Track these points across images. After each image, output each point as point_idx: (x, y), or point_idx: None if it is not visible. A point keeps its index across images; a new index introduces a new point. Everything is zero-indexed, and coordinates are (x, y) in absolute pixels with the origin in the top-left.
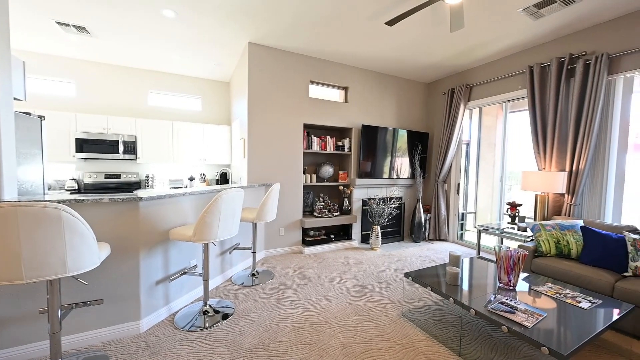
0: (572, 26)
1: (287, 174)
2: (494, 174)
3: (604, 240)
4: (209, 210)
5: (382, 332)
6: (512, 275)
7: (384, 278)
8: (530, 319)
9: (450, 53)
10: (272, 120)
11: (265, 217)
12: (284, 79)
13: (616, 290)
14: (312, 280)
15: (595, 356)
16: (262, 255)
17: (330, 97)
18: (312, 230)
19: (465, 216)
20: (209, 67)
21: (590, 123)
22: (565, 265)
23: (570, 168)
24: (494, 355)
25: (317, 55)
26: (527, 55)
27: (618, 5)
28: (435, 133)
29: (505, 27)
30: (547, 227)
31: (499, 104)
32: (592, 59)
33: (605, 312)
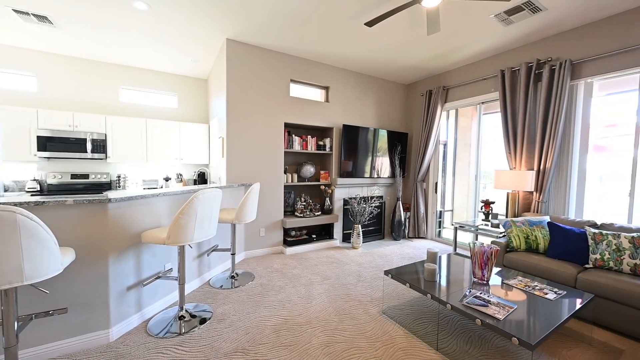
0: (539, 33)
1: (267, 173)
2: (469, 173)
3: (567, 234)
4: (184, 212)
5: (362, 330)
6: (485, 270)
7: (364, 276)
8: (502, 312)
9: (427, 56)
10: (252, 118)
11: (245, 217)
12: (264, 77)
13: (579, 281)
14: (293, 280)
15: (561, 344)
16: (242, 257)
17: (311, 96)
18: (294, 230)
19: (443, 214)
20: (185, 63)
21: (556, 125)
22: (533, 259)
23: (538, 167)
24: (469, 348)
25: (298, 54)
26: (499, 59)
27: (578, 15)
28: (414, 133)
29: (478, 32)
30: (518, 223)
31: (473, 105)
32: (557, 65)
33: (569, 302)
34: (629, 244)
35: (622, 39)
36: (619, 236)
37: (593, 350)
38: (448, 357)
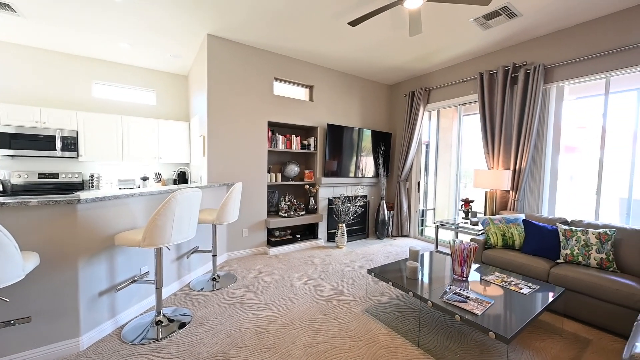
0: (515, 38)
1: (250, 173)
2: (450, 172)
3: (541, 231)
4: (160, 213)
5: (345, 329)
6: (464, 267)
7: (348, 275)
8: (479, 307)
9: (410, 57)
10: (234, 117)
11: (227, 218)
12: (246, 74)
13: (551, 276)
14: (276, 281)
15: (534, 336)
16: (224, 258)
17: (295, 95)
18: (278, 230)
19: (426, 213)
20: (164, 58)
21: (530, 126)
22: (510, 256)
23: (514, 167)
24: (449, 343)
25: (282, 52)
26: (478, 62)
27: (551, 22)
28: (397, 133)
29: (458, 35)
30: (495, 221)
31: (454, 107)
32: (531, 69)
33: (542, 296)
34: (596, 239)
35: (590, 46)
36: (587, 232)
37: (563, 341)
38: (429, 353)
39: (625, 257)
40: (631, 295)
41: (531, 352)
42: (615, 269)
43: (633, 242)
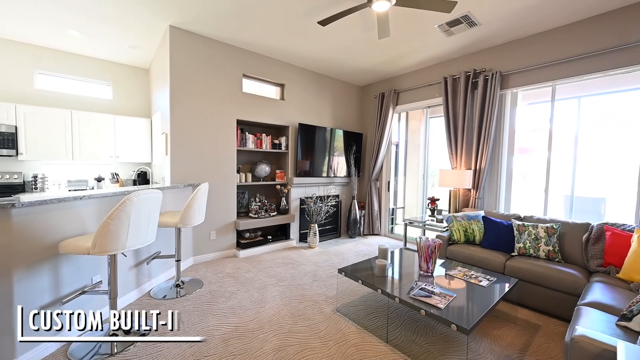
0: (476, 45)
1: (218, 173)
2: (419, 172)
3: (498, 227)
4: (113, 216)
5: (316, 330)
6: (430, 263)
7: (320, 275)
8: (443, 301)
9: (380, 60)
10: (200, 114)
11: (191, 220)
12: (213, 70)
13: (506, 268)
14: (246, 284)
15: (492, 325)
16: (190, 263)
17: (266, 93)
18: (248, 232)
19: (395, 211)
20: (121, 49)
21: (489, 129)
22: (471, 250)
23: (475, 167)
24: (416, 337)
25: (251, 49)
26: (442, 67)
27: (506, 32)
28: (368, 134)
29: (425, 40)
30: (458, 218)
31: (421, 109)
32: (489, 76)
33: (499, 287)
34: (544, 233)
35: (539, 56)
36: (537, 227)
37: (517, 328)
38: (397, 348)
39: (569, 249)
40: (573, 283)
41: (489, 340)
42: (561, 259)
43: (574, 235)
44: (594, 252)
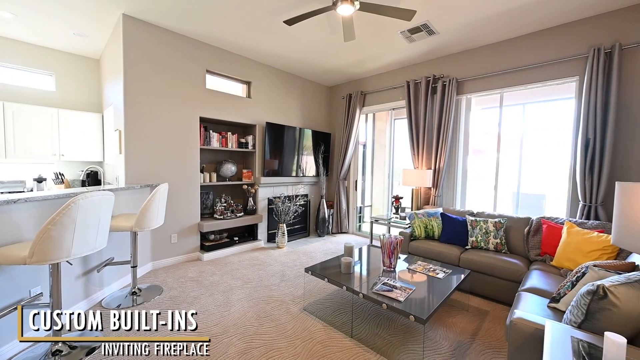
0: (435, 53)
1: (179, 172)
2: (385, 171)
3: (454, 223)
4: (55, 221)
5: (283, 330)
6: (392, 259)
7: (288, 275)
8: (403, 294)
9: (347, 61)
10: (159, 110)
11: (149, 223)
12: (174, 64)
13: (461, 260)
14: (210, 288)
15: (448, 313)
16: (149, 269)
17: (231, 90)
18: (213, 233)
19: (363, 209)
20: (65, 36)
21: (446, 132)
22: (430, 245)
23: (434, 167)
24: (379, 330)
25: (216, 44)
26: (406, 72)
27: (461, 42)
28: (336, 134)
29: (389, 45)
30: (419, 215)
31: (386, 110)
32: (447, 81)
33: (454, 278)
34: (493, 227)
35: (488, 66)
36: (487, 222)
37: (469, 315)
38: (361, 342)
39: (513, 241)
40: (516, 271)
41: (445, 328)
42: (507, 250)
43: (518, 228)
44: (533, 243)
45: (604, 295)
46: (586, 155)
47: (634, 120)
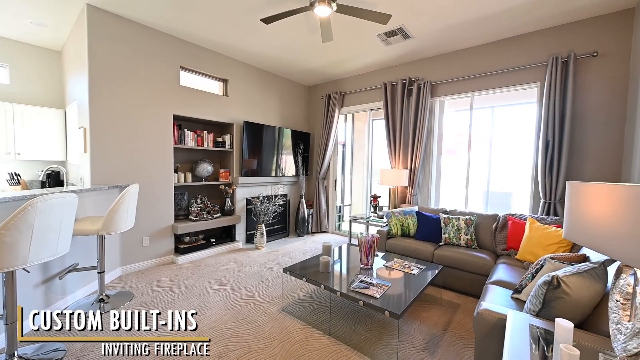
0: (410, 56)
1: (151, 172)
2: (364, 171)
3: (428, 220)
4: (9, 226)
5: (260, 331)
6: (370, 257)
7: (267, 276)
8: (379, 291)
9: (325, 62)
10: (128, 106)
11: (117, 226)
12: (145, 59)
13: (435, 256)
14: (185, 292)
15: (422, 308)
16: (118, 274)
17: (208, 88)
18: (188, 235)
19: (343, 208)
20: (22, 25)
21: (421, 133)
22: (406, 243)
23: (410, 166)
24: (356, 327)
25: (191, 40)
26: (383, 73)
27: (435, 47)
28: (316, 134)
29: (366, 47)
30: (396, 213)
31: (365, 111)
32: (422, 84)
33: (427, 274)
34: (464, 224)
35: (459, 70)
36: (458, 219)
37: (442, 309)
38: (339, 339)
39: (483, 237)
40: (484, 265)
41: (419, 322)
42: (476, 246)
43: (487, 225)
44: (500, 238)
45: (557, 285)
46: (546, 156)
47: (587, 125)
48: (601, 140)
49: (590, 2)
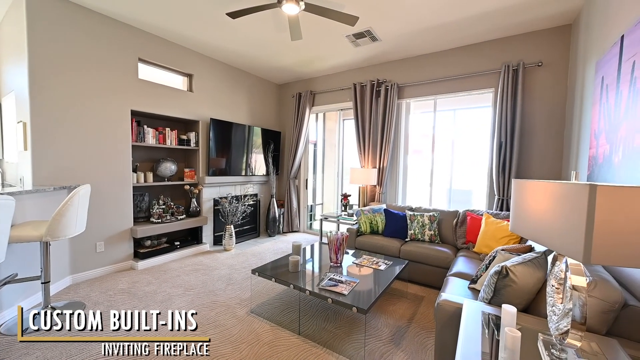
0: (378, 58)
1: (106, 172)
2: (335, 170)
3: (395, 218)
4: None
5: (228, 335)
6: (339, 254)
7: (235, 279)
8: (348, 287)
9: (295, 60)
10: (77, 99)
11: (65, 231)
12: (98, 48)
13: (401, 252)
14: (145, 300)
15: (388, 302)
16: (67, 283)
17: (170, 83)
18: (149, 239)
19: (315, 207)
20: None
21: (389, 133)
22: (375, 240)
23: (379, 165)
24: (326, 325)
25: (151, 31)
26: (353, 74)
27: (401, 50)
28: (287, 132)
29: (336, 47)
30: (365, 211)
31: (335, 111)
32: (389, 86)
33: (394, 269)
34: (428, 220)
35: (424, 74)
36: (423, 216)
37: (408, 302)
38: (308, 338)
39: (445, 232)
40: (446, 259)
41: (386, 315)
42: (439, 241)
43: (448, 220)
44: (460, 233)
45: (506, 274)
46: (500, 156)
47: (534, 128)
48: (546, 141)
49: (534, 17)
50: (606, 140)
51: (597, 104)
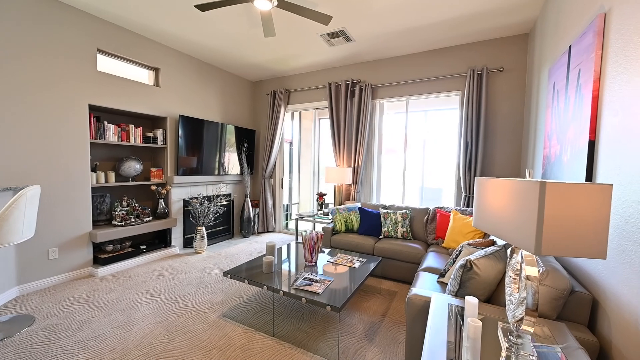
0: (353, 59)
1: (59, 171)
2: (311, 169)
3: (370, 216)
4: None
5: (197, 341)
6: (314, 253)
7: (207, 282)
8: (322, 286)
9: (269, 57)
10: (22, 91)
11: (8, 237)
12: (48, 34)
13: (375, 249)
14: (105, 308)
15: (363, 298)
16: (13, 295)
17: (134, 76)
18: (111, 243)
19: (291, 207)
20: None
21: (363, 132)
22: (350, 238)
23: (354, 164)
24: (300, 325)
25: (112, 20)
26: (328, 73)
27: (375, 52)
28: (261, 131)
29: (310, 46)
30: (340, 210)
31: (311, 110)
32: (364, 86)
33: (369, 266)
34: (401, 218)
35: (396, 75)
36: (396, 213)
37: (382, 298)
38: (282, 339)
39: (416, 228)
40: (417, 254)
41: (360, 312)
42: (411, 237)
43: (420, 218)
44: (430, 229)
45: (470, 267)
46: (466, 156)
47: (496, 130)
48: (507, 142)
49: (495, 25)
50: (557, 141)
51: (550, 107)
